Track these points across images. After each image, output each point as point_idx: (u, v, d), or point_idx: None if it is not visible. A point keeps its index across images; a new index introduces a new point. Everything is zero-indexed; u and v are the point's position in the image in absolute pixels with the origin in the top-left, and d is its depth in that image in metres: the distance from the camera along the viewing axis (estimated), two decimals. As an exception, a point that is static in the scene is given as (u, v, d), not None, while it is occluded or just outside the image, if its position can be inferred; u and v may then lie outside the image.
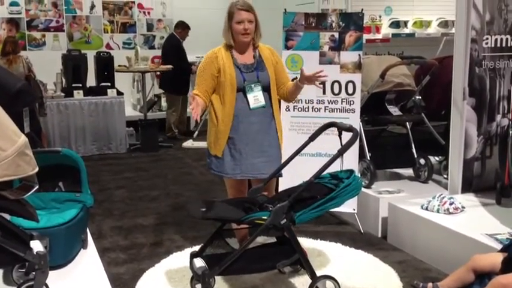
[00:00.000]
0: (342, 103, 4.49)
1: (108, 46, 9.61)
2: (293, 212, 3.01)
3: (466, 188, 4.33)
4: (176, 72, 8.22)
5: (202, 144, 8.16)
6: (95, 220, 4.76)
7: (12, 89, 3.90)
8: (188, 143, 8.28)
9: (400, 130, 5.35)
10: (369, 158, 4.61)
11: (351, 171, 3.16)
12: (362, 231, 4.44)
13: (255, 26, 3.54)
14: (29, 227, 2.93)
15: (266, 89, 3.58)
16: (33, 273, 2.76)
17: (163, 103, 9.49)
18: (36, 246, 2.78)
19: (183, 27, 8.56)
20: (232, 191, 3.72)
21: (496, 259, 2.67)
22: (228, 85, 3.50)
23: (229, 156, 3.57)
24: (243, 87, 3.52)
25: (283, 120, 4.49)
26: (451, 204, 3.92)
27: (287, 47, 4.49)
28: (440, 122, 5.08)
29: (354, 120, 4.38)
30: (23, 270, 2.85)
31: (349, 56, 4.44)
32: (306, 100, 4.51)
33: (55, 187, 3.67)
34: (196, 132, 8.42)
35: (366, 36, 6.66)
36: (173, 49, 8.48)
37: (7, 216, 2.74)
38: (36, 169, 2.46)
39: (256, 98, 3.53)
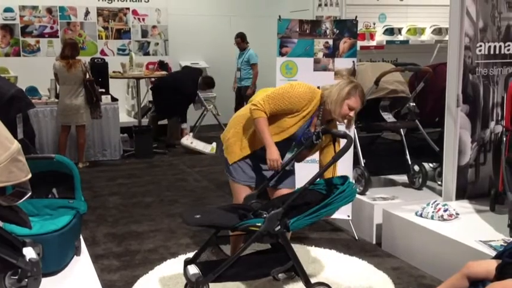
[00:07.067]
0: (336, 110, 4.47)
1: (102, 52, 9.61)
2: (287, 218, 3.00)
3: (460, 194, 4.34)
4: (181, 101, 8.30)
5: (200, 143, 8.10)
6: (88, 227, 4.74)
7: (6, 95, 3.89)
8: (187, 141, 8.12)
9: (394, 137, 5.36)
10: (363, 165, 4.62)
11: (345, 178, 3.16)
12: (356, 237, 4.44)
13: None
14: (21, 233, 2.90)
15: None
16: (26, 280, 2.73)
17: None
18: (29, 253, 2.76)
19: (207, 83, 8.54)
20: (240, 198, 3.52)
21: (490, 266, 2.66)
22: (284, 129, 3.33)
23: (246, 165, 3.44)
24: (291, 143, 3.38)
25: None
26: (445, 211, 3.93)
27: (281, 54, 4.50)
28: (434, 129, 5.09)
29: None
30: (16, 277, 2.82)
31: (343, 63, 4.45)
32: (300, 107, 4.50)
33: (48, 193, 3.65)
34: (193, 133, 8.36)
35: (360, 43, 6.68)
36: (193, 82, 8.38)
37: (-1, 223, 2.73)
38: (29, 175, 2.44)
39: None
